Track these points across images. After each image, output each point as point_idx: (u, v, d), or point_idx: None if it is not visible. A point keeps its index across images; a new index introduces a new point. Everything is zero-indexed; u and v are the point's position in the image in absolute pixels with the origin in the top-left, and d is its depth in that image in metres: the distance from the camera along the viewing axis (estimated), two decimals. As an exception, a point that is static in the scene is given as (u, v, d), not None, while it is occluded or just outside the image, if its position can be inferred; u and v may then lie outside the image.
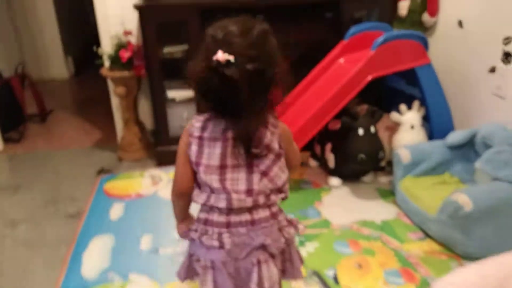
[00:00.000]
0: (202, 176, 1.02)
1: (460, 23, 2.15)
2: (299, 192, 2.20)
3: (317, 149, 2.36)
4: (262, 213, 1.04)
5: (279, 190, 1.07)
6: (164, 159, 2.51)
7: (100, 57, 2.51)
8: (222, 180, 1.01)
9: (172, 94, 2.48)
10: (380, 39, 1.97)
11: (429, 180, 1.95)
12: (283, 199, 1.11)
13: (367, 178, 2.25)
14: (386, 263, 1.67)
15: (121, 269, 1.69)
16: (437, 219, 1.72)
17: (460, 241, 1.66)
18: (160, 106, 2.47)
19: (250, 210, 1.03)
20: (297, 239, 1.82)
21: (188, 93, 2.44)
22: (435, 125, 2.13)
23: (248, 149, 0.98)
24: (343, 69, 2.21)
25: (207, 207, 1.05)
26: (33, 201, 2.26)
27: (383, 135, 2.21)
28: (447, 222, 1.67)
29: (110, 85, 2.66)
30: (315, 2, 2.38)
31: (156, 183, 2.34)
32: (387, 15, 2.41)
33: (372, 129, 2.02)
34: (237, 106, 0.93)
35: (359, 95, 2.35)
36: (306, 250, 1.76)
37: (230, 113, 0.97)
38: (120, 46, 2.43)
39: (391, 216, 1.97)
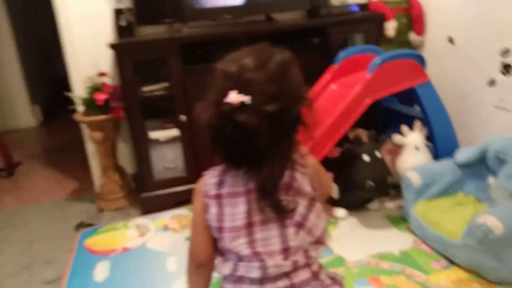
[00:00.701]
0: (227, 243, 0.84)
1: (451, 40, 2.11)
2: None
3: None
4: (303, 275, 0.86)
5: (318, 241, 0.90)
6: (150, 206, 2.30)
7: (72, 102, 2.31)
8: (252, 243, 0.83)
9: (154, 134, 2.29)
10: (378, 60, 1.89)
11: (444, 202, 1.82)
12: (324, 250, 0.94)
13: (373, 205, 2.10)
14: (417, 301, 1.51)
15: None
16: (463, 245, 1.58)
17: (493, 266, 1.52)
18: (142, 148, 2.27)
19: (288, 273, 0.85)
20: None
21: (173, 132, 2.27)
22: (440, 144, 2.03)
23: (275, 199, 0.81)
24: (338, 95, 2.10)
25: (235, 277, 0.87)
26: (3, 269, 1.97)
27: (386, 158, 2.09)
28: (475, 248, 1.53)
29: (86, 130, 2.45)
30: (301, 28, 2.30)
31: (143, 234, 2.11)
32: (373, 37, 2.35)
33: (378, 154, 1.89)
34: (257, 154, 0.78)
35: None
36: (326, 295, 1.57)
37: (249, 162, 0.81)
38: (95, 89, 2.25)
39: (409, 245, 1.82)
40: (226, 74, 0.78)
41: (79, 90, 2.34)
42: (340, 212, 2.07)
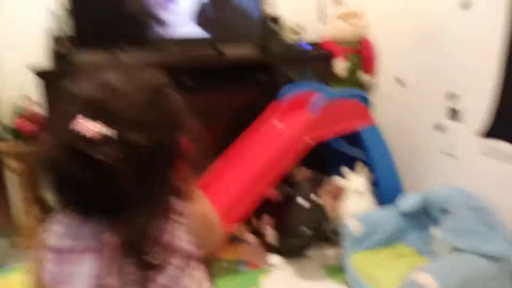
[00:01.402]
0: None
1: (400, 81, 2.04)
2: (233, 277, 1.82)
3: (254, 222, 2.03)
4: None
5: None
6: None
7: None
8: None
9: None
10: (320, 99, 1.77)
11: (383, 254, 1.67)
12: None
13: (312, 252, 1.92)
14: None
15: None
16: (396, 305, 1.41)
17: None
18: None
19: None
20: None
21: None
22: (384, 189, 1.90)
23: (140, 258, 0.62)
24: (278, 132, 1.96)
25: None
26: None
27: (325, 201, 1.94)
28: (409, 308, 1.36)
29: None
30: (248, 62, 2.19)
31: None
32: (323, 75, 2.25)
33: (313, 197, 1.75)
34: (116, 199, 0.59)
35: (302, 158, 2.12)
36: None
37: (105, 210, 0.62)
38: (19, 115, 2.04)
39: (343, 301, 1.64)
40: (80, 98, 0.60)
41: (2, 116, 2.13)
42: (274, 259, 1.88)
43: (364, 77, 2.20)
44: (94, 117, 0.57)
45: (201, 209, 0.75)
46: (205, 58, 2.17)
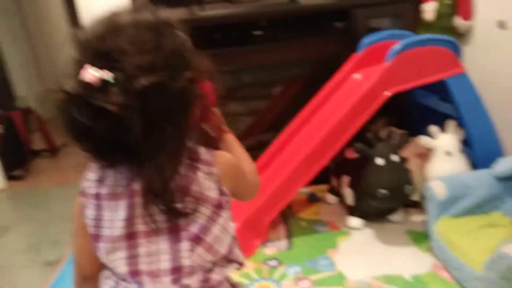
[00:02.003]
0: (103, 256, 0.69)
1: (502, 24, 1.73)
2: (311, 237, 1.81)
3: (334, 182, 1.98)
4: None
5: (227, 259, 0.72)
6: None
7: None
8: (132, 259, 0.67)
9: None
10: (397, 47, 1.60)
11: (473, 222, 1.51)
12: (238, 269, 0.76)
13: (396, 217, 1.82)
14: None
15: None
16: (483, 278, 1.28)
17: (519, 310, 1.21)
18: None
19: None
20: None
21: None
22: (478, 150, 1.69)
23: (168, 205, 0.63)
24: (358, 85, 1.84)
25: None
26: (16, 245, 2.05)
27: (414, 164, 1.79)
28: (497, 283, 1.22)
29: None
30: (324, 10, 2.04)
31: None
32: (409, 22, 2.01)
33: (394, 157, 1.62)
34: (130, 148, 0.59)
35: (387, 115, 1.97)
36: (310, 316, 1.37)
37: (124, 158, 0.63)
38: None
39: (425, 269, 1.53)
40: (81, 42, 0.61)
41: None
42: (354, 221, 1.82)
43: (457, 21, 1.92)
44: (98, 64, 0.57)
45: (229, 160, 0.73)
46: (280, 7, 2.06)
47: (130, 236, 0.66)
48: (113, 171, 0.66)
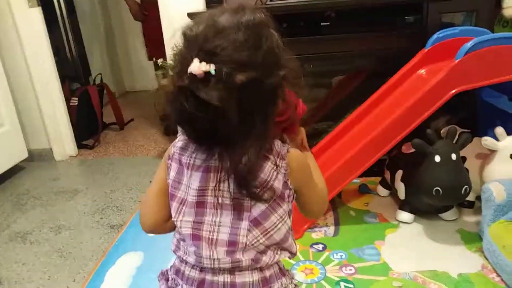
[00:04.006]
0: (174, 215, 0.78)
1: None
2: (359, 226, 1.84)
3: (387, 176, 1.98)
4: (249, 277, 0.76)
5: (279, 247, 0.79)
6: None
7: (161, 68, 2.46)
8: (198, 224, 0.75)
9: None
10: (468, 44, 1.56)
11: (531, 228, 1.46)
12: (289, 258, 0.82)
13: (448, 215, 1.80)
14: (455, 336, 1.25)
15: (138, 294, 1.53)
16: (537, 285, 1.25)
17: None
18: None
19: (232, 270, 0.76)
20: None
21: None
22: (545, 155, 1.62)
23: (246, 188, 0.71)
24: (423, 81, 1.81)
25: (182, 253, 0.81)
26: (84, 207, 2.25)
27: (474, 164, 1.75)
28: (551, 291, 1.20)
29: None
30: (391, 4, 2.02)
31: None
32: (487, 18, 1.94)
33: (453, 156, 1.59)
34: (226, 134, 0.67)
35: (450, 113, 1.94)
36: (352, 301, 1.42)
37: (214, 143, 0.71)
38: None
39: (473, 270, 1.51)
40: (188, 38, 0.68)
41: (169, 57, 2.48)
42: (403, 215, 1.82)
43: (542, 19, 1.82)
44: (202, 58, 0.63)
45: (302, 161, 0.78)
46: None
47: (199, 204, 0.75)
48: (196, 146, 0.75)
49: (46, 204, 2.32)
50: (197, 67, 0.62)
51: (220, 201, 0.74)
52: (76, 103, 3.04)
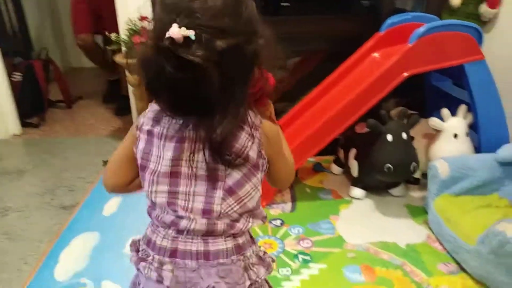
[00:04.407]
0: (146, 185, 0.78)
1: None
2: (315, 202, 1.91)
3: (341, 154, 2.06)
4: (222, 244, 0.77)
5: (252, 214, 0.80)
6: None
7: (115, 43, 2.36)
8: (172, 194, 0.75)
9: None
10: (421, 29, 1.64)
11: (471, 201, 1.59)
12: (263, 222, 0.84)
13: (396, 191, 1.92)
14: (404, 300, 1.36)
15: (96, 275, 1.49)
16: (476, 251, 1.37)
17: (504, 283, 1.30)
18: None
19: (205, 237, 0.76)
20: (292, 269, 1.54)
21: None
22: (485, 134, 1.76)
23: (220, 156, 0.71)
24: (376, 64, 1.89)
25: (153, 223, 0.81)
26: (32, 188, 2.14)
27: (420, 143, 1.87)
28: (488, 258, 1.32)
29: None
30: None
31: (161, 179, 2.15)
32: (435, 6, 2.05)
33: (404, 135, 1.69)
34: (204, 101, 0.67)
35: (400, 95, 2.04)
36: (309, 273, 1.48)
37: (192, 111, 0.70)
38: (135, 32, 2.27)
39: (419, 240, 1.64)
40: (166, 4, 0.67)
41: (124, 32, 2.38)
42: (356, 192, 1.91)
43: (484, 8, 1.95)
44: (181, 23, 0.62)
45: (273, 132, 0.79)
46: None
47: (173, 174, 0.75)
48: (169, 117, 0.74)
49: (-11, 185, 2.19)
50: (176, 31, 0.62)
51: (194, 171, 0.74)
52: (20, 79, 2.85)
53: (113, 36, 2.34)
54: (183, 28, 0.62)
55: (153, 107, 0.77)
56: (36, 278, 1.49)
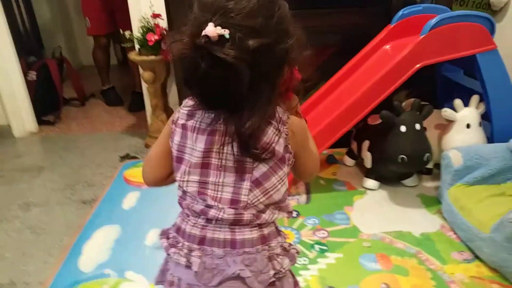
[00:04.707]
0: (181, 175, 0.81)
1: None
2: (329, 194, 1.95)
3: (354, 146, 2.08)
4: (248, 234, 0.80)
5: (278, 207, 0.83)
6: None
7: (129, 40, 2.40)
8: (203, 184, 0.79)
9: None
10: (433, 21, 1.66)
11: (485, 190, 1.61)
12: (287, 217, 0.88)
13: (409, 181, 1.94)
14: (420, 287, 1.38)
15: (119, 266, 1.54)
16: (490, 239, 1.40)
17: (519, 269, 1.33)
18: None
19: (232, 227, 0.80)
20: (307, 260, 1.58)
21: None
22: (497, 124, 1.77)
23: (247, 150, 0.74)
24: (388, 56, 1.91)
25: (184, 211, 0.85)
26: (52, 184, 2.20)
27: (433, 134, 1.89)
28: (502, 245, 1.35)
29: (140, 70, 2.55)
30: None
31: (177, 174, 2.19)
32: (446, -3, 2.06)
33: (417, 126, 1.71)
34: (234, 97, 0.70)
35: (410, 87, 2.05)
36: (326, 262, 1.51)
37: (226, 105, 0.73)
38: (148, 29, 2.31)
39: (434, 229, 1.66)
40: (203, 3, 0.70)
41: (136, 29, 2.42)
42: (370, 183, 1.94)
43: (495, -3, 1.96)
44: (216, 22, 0.65)
45: (301, 127, 0.82)
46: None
47: (204, 165, 0.78)
48: (202, 111, 0.78)
49: (11, 181, 2.25)
50: (211, 30, 0.65)
51: (223, 163, 0.77)
52: (35, 78, 2.90)
53: (127, 33, 2.39)
54: (218, 27, 0.65)
55: (188, 103, 0.81)
56: (62, 269, 1.55)
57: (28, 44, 3.22)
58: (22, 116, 2.80)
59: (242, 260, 0.79)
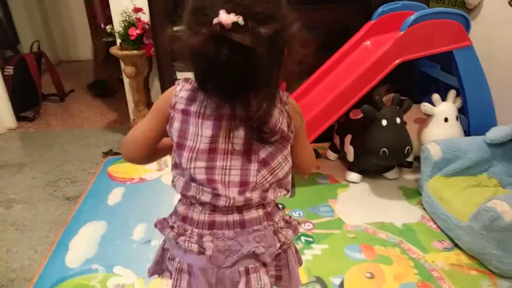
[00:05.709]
0: (184, 162, 0.81)
1: (511, 3, 1.85)
2: (313, 187, 1.99)
3: (336, 141, 2.13)
4: (255, 213, 0.83)
5: (280, 185, 0.85)
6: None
7: (110, 35, 2.38)
8: (210, 169, 0.79)
9: (182, 75, 2.31)
10: (411, 18, 1.71)
11: (462, 181, 1.68)
12: (285, 195, 0.90)
13: (391, 174, 2.00)
14: (403, 275, 1.44)
15: (107, 261, 1.54)
16: (468, 228, 1.46)
17: (496, 256, 1.40)
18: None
19: (240, 208, 0.82)
20: (301, 240, 1.62)
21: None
22: (474, 118, 1.85)
23: (259, 134, 0.76)
24: (369, 52, 1.96)
25: (186, 199, 0.85)
26: (34, 181, 2.17)
27: (412, 128, 1.95)
28: (480, 233, 1.41)
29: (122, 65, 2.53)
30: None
31: (161, 169, 2.20)
32: (424, -6, 2.12)
33: (398, 120, 1.77)
34: (254, 84, 0.70)
35: (389, 82, 2.11)
36: (312, 253, 1.55)
37: (239, 94, 0.74)
38: (130, 23, 2.29)
39: (414, 220, 1.72)
40: None
41: (118, 24, 2.40)
42: (352, 176, 1.99)
43: (470, -4, 2.03)
44: (228, 9, 0.65)
45: (296, 105, 0.85)
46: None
47: (211, 151, 0.79)
48: (204, 96, 0.78)
49: (-10, 178, 2.20)
50: (225, 17, 0.65)
51: (230, 147, 0.79)
52: (12, 72, 2.84)
53: (107, 28, 2.36)
54: (232, 14, 0.65)
55: (184, 87, 0.81)
56: (48, 265, 1.53)
57: (3, 38, 3.15)
58: (0, 112, 2.73)
59: (254, 238, 0.82)
